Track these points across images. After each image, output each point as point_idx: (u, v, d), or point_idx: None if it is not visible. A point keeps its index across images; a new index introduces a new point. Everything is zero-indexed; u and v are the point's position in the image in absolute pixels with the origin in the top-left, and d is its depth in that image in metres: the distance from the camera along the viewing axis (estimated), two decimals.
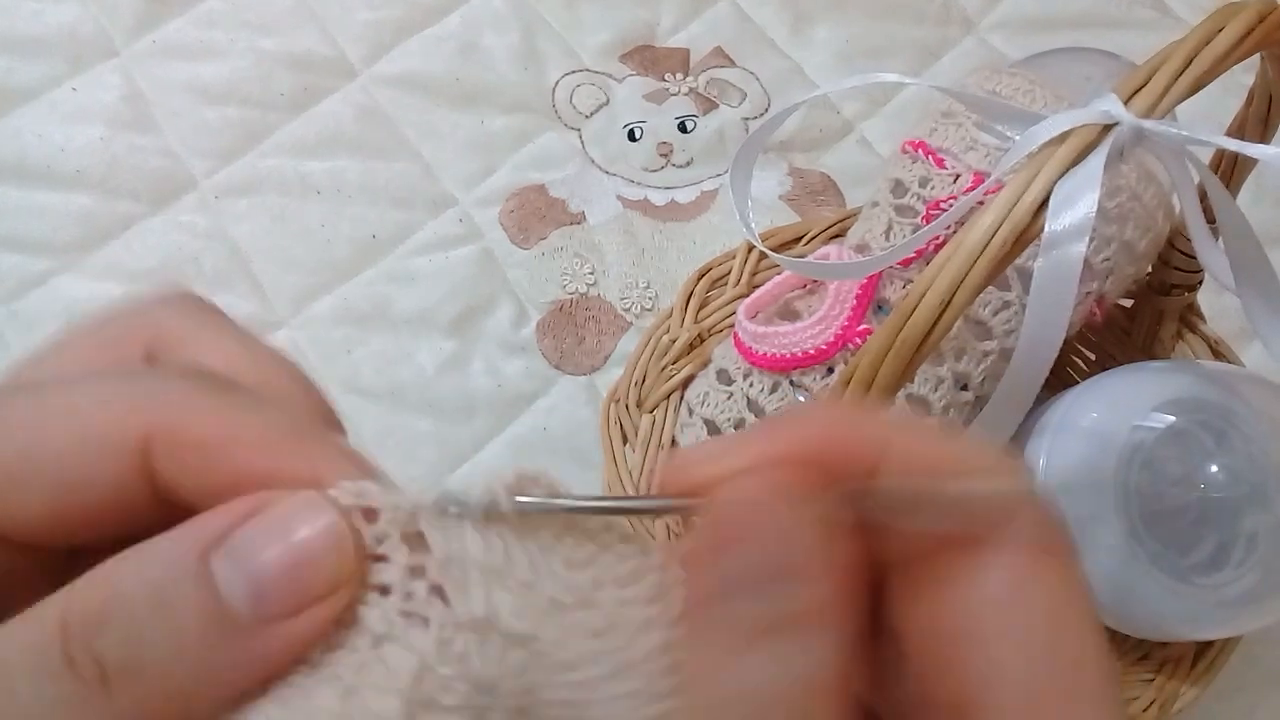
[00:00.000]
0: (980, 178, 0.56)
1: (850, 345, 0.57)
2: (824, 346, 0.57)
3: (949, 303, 0.39)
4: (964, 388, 0.57)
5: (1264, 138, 0.49)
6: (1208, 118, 0.53)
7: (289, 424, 0.23)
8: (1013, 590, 0.22)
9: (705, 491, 0.22)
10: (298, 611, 0.21)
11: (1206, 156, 0.50)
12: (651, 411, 0.64)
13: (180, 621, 0.21)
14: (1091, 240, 0.57)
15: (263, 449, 0.22)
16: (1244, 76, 0.48)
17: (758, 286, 0.65)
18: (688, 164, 0.82)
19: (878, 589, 0.23)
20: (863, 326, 0.57)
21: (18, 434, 0.22)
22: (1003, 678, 0.21)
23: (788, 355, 0.58)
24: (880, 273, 0.57)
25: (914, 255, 0.56)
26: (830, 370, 0.58)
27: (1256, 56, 0.44)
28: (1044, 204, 0.40)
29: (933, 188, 0.58)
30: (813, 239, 0.69)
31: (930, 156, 0.59)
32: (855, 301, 0.57)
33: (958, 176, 0.57)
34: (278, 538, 0.21)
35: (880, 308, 0.58)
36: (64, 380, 0.23)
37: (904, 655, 0.23)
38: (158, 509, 0.22)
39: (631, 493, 0.62)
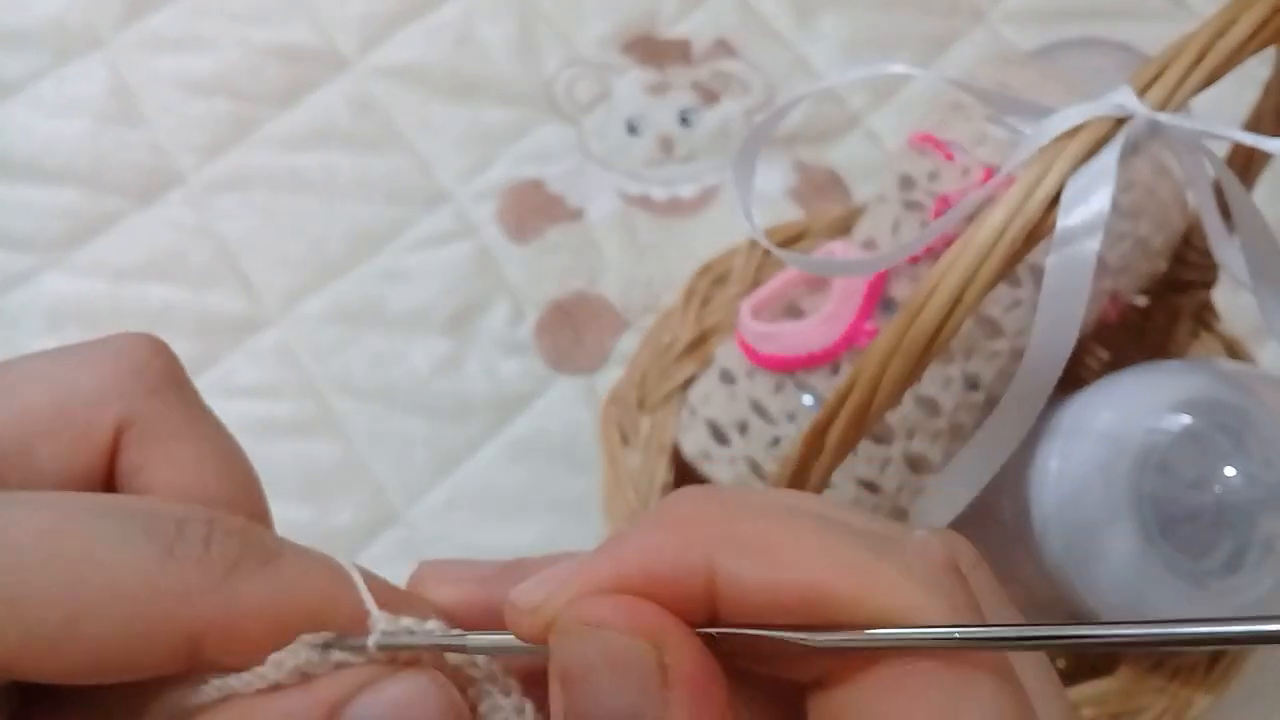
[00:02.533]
0: (990, 172, 0.55)
1: (857, 344, 0.56)
2: (830, 345, 0.57)
3: (958, 301, 0.38)
4: (974, 388, 0.56)
5: None
6: (1224, 112, 0.52)
7: (328, 586, 0.24)
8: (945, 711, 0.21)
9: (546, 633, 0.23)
10: None
11: (1222, 151, 0.49)
12: (652, 413, 0.63)
13: None
14: (1105, 236, 0.56)
15: (300, 626, 0.23)
16: (1260, 70, 0.47)
17: (762, 284, 0.64)
18: (690, 158, 0.81)
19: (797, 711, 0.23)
20: (870, 325, 0.56)
21: (60, 599, 0.22)
22: None
23: (792, 354, 0.57)
24: (888, 270, 0.57)
25: (922, 252, 0.55)
26: (836, 369, 0.57)
27: (1272, 49, 0.43)
28: (1056, 199, 0.39)
29: (941, 182, 0.57)
30: (818, 235, 0.68)
31: (939, 150, 0.58)
32: (862, 300, 0.57)
33: (967, 170, 0.56)
34: (395, 712, 0.23)
35: (888, 306, 0.57)
36: (90, 528, 0.23)
37: None
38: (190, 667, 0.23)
39: (631, 495, 0.61)
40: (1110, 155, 0.39)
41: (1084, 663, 0.62)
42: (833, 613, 0.21)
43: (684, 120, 0.82)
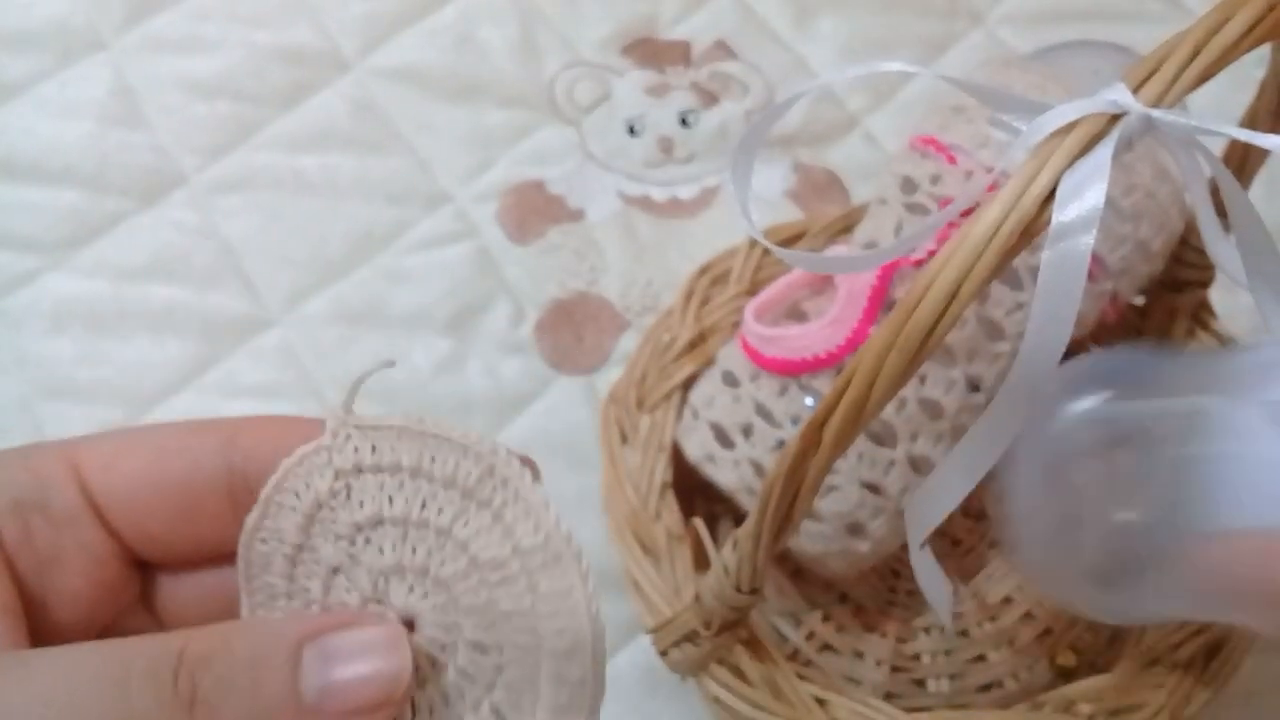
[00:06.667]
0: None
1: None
2: (835, 349, 0.56)
3: (954, 296, 0.38)
4: (976, 390, 0.56)
5: (1275, 129, 0.48)
6: (1220, 113, 0.52)
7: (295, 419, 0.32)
8: None
9: None
10: (346, 716, 0.27)
11: (1217, 149, 0.49)
12: (652, 412, 0.63)
13: (263, 684, 0.27)
14: (1107, 239, 0.56)
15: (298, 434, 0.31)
16: (1256, 71, 0.47)
17: (761, 284, 0.64)
18: (689, 160, 0.81)
19: None
20: (874, 329, 0.56)
21: (141, 468, 0.31)
22: None
23: (797, 358, 0.57)
24: (892, 273, 0.56)
25: (925, 255, 0.55)
26: (841, 373, 0.57)
27: (1267, 49, 0.43)
28: (1051, 195, 0.39)
29: (944, 185, 0.57)
30: (818, 236, 0.67)
31: (942, 153, 0.58)
32: (867, 303, 0.56)
33: (970, 173, 0.56)
34: (359, 656, 0.28)
35: (892, 309, 0.57)
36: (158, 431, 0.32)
37: None
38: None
39: (630, 493, 0.60)
40: (1105, 151, 0.39)
41: (1082, 659, 0.62)
42: None
43: (684, 121, 0.82)
